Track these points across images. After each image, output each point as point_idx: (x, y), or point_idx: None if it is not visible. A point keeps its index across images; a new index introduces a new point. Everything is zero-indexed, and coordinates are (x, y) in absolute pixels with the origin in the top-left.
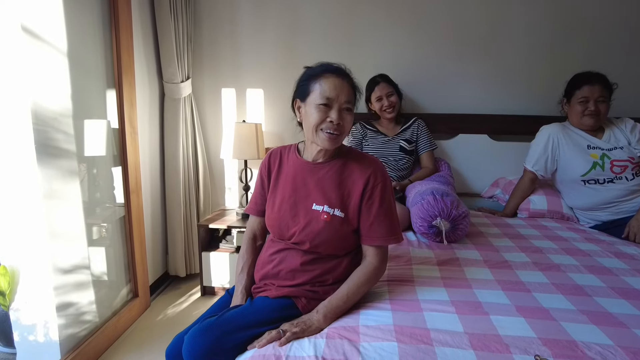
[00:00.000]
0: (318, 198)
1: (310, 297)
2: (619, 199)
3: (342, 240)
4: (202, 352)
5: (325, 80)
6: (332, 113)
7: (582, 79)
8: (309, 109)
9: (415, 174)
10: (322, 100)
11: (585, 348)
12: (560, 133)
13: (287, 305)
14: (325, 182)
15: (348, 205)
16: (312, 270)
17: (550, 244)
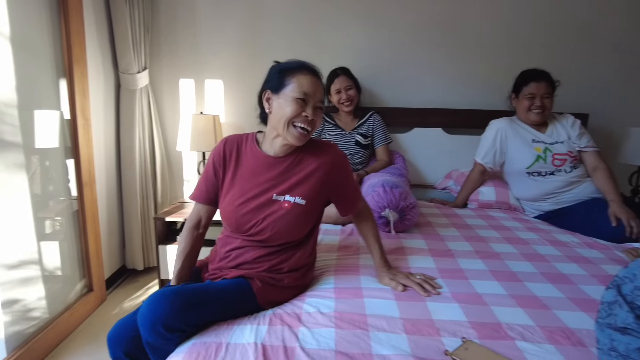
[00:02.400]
0: (279, 190)
1: (265, 282)
2: (559, 190)
3: (300, 227)
4: (163, 315)
5: (303, 76)
6: (308, 109)
7: (530, 75)
8: (283, 101)
9: (371, 166)
10: (299, 94)
11: (508, 329)
12: (508, 127)
13: (243, 284)
14: (286, 175)
15: (311, 193)
16: (269, 260)
17: (494, 233)
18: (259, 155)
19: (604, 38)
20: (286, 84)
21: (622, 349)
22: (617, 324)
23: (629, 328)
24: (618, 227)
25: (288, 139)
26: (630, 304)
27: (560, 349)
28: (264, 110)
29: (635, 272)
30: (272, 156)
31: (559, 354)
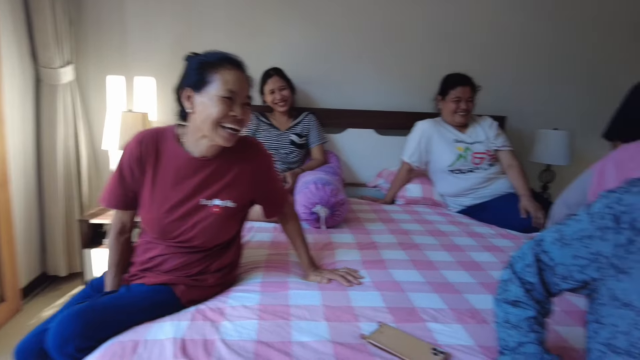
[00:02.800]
0: (207, 194)
1: (190, 285)
2: (478, 186)
3: (230, 229)
4: (73, 336)
5: (226, 72)
6: (236, 107)
7: (456, 80)
8: (207, 101)
9: (306, 164)
10: (225, 92)
11: (422, 313)
12: (432, 128)
13: (163, 291)
14: (213, 178)
15: (240, 195)
16: (197, 265)
17: (418, 226)
18: (181, 156)
19: (519, 46)
20: (209, 81)
21: (514, 320)
22: (510, 298)
23: (519, 301)
24: (527, 219)
25: (217, 141)
26: (521, 280)
27: (466, 327)
28: (182, 108)
29: (525, 252)
30: (197, 158)
31: (464, 332)
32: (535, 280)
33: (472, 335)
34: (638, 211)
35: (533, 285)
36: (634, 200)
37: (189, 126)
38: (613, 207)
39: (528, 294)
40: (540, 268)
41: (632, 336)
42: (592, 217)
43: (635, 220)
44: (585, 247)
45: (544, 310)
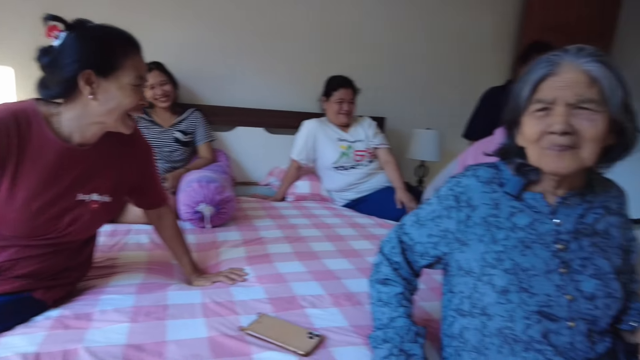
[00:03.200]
0: (85, 188)
1: (52, 286)
2: (359, 181)
3: (103, 223)
4: None
5: (136, 56)
6: (145, 93)
7: (338, 82)
8: (117, 90)
9: (192, 163)
10: (137, 80)
11: (302, 300)
12: (318, 127)
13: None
14: (92, 170)
15: (116, 187)
16: (60, 264)
17: (305, 220)
18: (54, 144)
19: (397, 54)
20: (120, 66)
21: (385, 297)
22: (381, 277)
23: (388, 279)
24: (402, 209)
25: (120, 129)
26: (389, 260)
27: (341, 310)
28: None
29: (392, 235)
30: (74, 147)
31: (340, 314)
32: (400, 259)
33: (347, 317)
34: (472, 191)
35: (399, 264)
36: (469, 182)
37: (71, 108)
38: (454, 189)
39: (395, 272)
40: (403, 248)
41: (472, 298)
42: (439, 199)
43: (470, 198)
44: (436, 226)
45: (410, 287)
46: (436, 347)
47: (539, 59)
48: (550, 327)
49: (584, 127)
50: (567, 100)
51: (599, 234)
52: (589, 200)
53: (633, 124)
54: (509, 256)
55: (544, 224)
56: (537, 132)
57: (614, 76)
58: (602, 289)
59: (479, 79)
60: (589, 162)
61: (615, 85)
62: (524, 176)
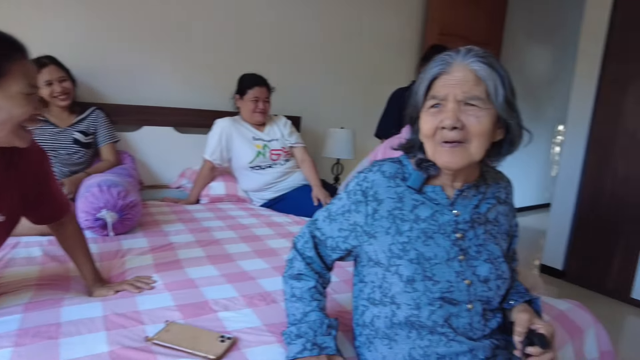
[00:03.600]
0: None
1: None
2: (276, 180)
3: None
4: None
5: (24, 62)
6: (35, 102)
7: (253, 80)
8: (5, 97)
9: (93, 167)
10: (28, 88)
11: (214, 304)
12: (231, 126)
13: None
14: None
15: (10, 204)
16: None
17: (220, 223)
18: None
19: (312, 56)
20: (7, 72)
21: (298, 293)
22: (294, 272)
23: (301, 274)
24: (318, 206)
25: (15, 143)
26: (302, 255)
27: (255, 310)
28: None
29: (304, 231)
30: None
31: (253, 315)
32: (312, 254)
33: (261, 317)
34: (377, 186)
35: (312, 258)
36: (375, 177)
37: None
38: (361, 184)
39: (309, 267)
40: (316, 243)
41: (383, 288)
42: (348, 194)
43: (377, 193)
44: (346, 220)
45: (322, 280)
46: (349, 337)
47: (434, 59)
48: (452, 311)
49: (471, 123)
50: (457, 97)
51: (490, 222)
52: (483, 191)
53: (517, 120)
54: (413, 246)
55: (443, 215)
56: (432, 128)
57: (497, 76)
58: (494, 272)
59: (388, 80)
60: (478, 157)
61: (499, 84)
62: (424, 170)
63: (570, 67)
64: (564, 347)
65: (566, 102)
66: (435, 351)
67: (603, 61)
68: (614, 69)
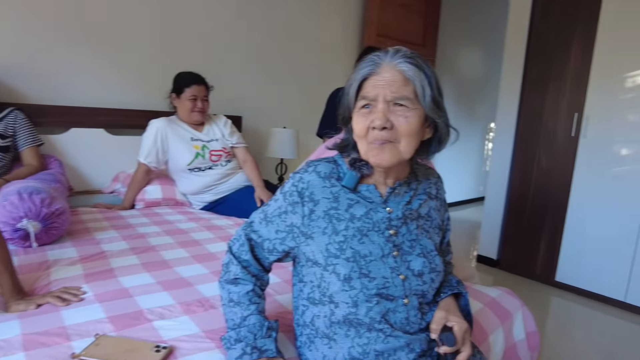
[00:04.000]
0: None
1: None
2: (217, 182)
3: None
4: None
5: None
6: None
7: (191, 78)
8: None
9: (13, 172)
10: None
11: (149, 313)
12: (167, 127)
13: None
14: None
15: None
16: None
17: (156, 228)
18: None
19: (250, 51)
20: None
21: (235, 297)
22: (231, 277)
23: (238, 278)
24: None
25: None
26: (238, 259)
27: (193, 317)
28: None
29: (240, 233)
30: None
31: (191, 322)
32: (248, 257)
33: (199, 324)
34: (313, 186)
35: (248, 262)
36: (310, 178)
37: None
38: (297, 185)
39: (245, 271)
40: (252, 246)
41: (321, 287)
42: (284, 195)
43: (312, 193)
44: (283, 222)
45: (260, 283)
46: (290, 337)
47: (364, 59)
48: (389, 307)
49: (400, 123)
50: (386, 97)
51: (422, 217)
52: (414, 188)
53: (444, 120)
54: (350, 245)
55: (377, 213)
56: (363, 128)
57: (425, 76)
58: (427, 265)
59: (329, 80)
60: (407, 155)
61: (426, 84)
62: (358, 170)
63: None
64: (495, 332)
65: (497, 101)
66: (374, 348)
67: (525, 63)
68: (535, 70)
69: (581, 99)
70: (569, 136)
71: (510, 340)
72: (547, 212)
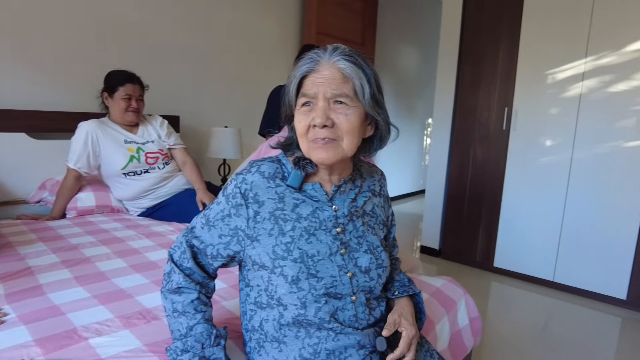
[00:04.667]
0: None
1: None
2: (155, 186)
3: None
4: None
5: None
6: None
7: (125, 76)
8: None
9: None
10: None
11: (84, 331)
12: (98, 129)
13: None
14: None
15: None
16: None
17: (90, 238)
18: None
19: (185, 50)
20: None
21: (180, 307)
22: (174, 286)
23: (181, 287)
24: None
25: None
26: (180, 267)
27: (134, 331)
28: None
29: (180, 240)
30: None
31: (132, 336)
32: (191, 264)
33: (140, 337)
34: (257, 187)
35: (191, 269)
36: (254, 178)
37: None
38: (240, 186)
39: (188, 279)
40: (195, 252)
41: (269, 291)
42: (227, 198)
43: (257, 195)
44: (226, 225)
45: (205, 290)
46: (239, 343)
47: (303, 57)
48: (337, 305)
49: (340, 121)
50: (326, 95)
51: (368, 214)
52: (358, 185)
53: (384, 117)
54: (297, 245)
55: (324, 211)
56: (305, 126)
57: (363, 74)
58: (374, 262)
59: (270, 78)
60: (350, 152)
61: (365, 82)
62: (302, 168)
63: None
64: (441, 321)
65: (434, 97)
66: (324, 347)
67: (459, 60)
68: (468, 67)
69: (510, 95)
70: (501, 130)
71: (455, 327)
72: (483, 202)
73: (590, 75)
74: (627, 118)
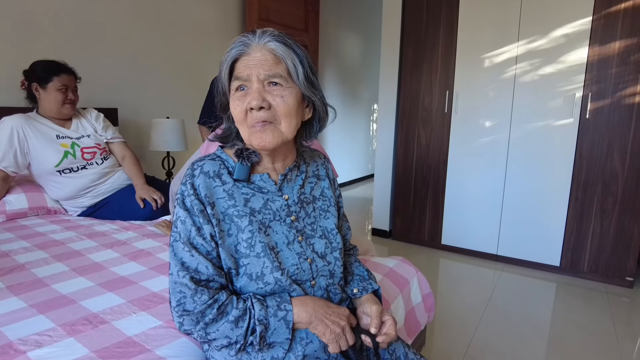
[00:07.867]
0: None
1: None
2: (94, 183)
3: None
4: None
5: None
6: None
7: (58, 66)
8: None
9: None
10: None
11: (21, 344)
12: (25, 124)
13: None
14: None
15: None
16: None
17: (24, 243)
18: None
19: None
20: None
21: (232, 318)
22: (212, 318)
23: (223, 305)
24: (147, 208)
25: None
26: (206, 304)
27: (80, 338)
28: None
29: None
30: None
31: (78, 343)
32: (207, 295)
33: (87, 344)
34: (206, 189)
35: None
36: (200, 181)
37: None
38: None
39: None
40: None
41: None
42: (190, 211)
43: (207, 196)
44: (204, 238)
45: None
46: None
47: (233, 41)
48: (299, 292)
49: (277, 103)
50: (259, 76)
51: (317, 198)
52: (304, 171)
53: (320, 98)
54: (258, 239)
55: (275, 202)
56: (242, 111)
57: (295, 55)
58: (329, 246)
59: (211, 66)
60: (290, 135)
61: (297, 62)
62: (247, 159)
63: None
64: (396, 300)
65: (378, 83)
66: None
67: (401, 45)
68: (410, 52)
69: (450, 78)
70: (443, 112)
71: (409, 305)
72: (429, 183)
73: (523, 59)
74: (556, 98)
